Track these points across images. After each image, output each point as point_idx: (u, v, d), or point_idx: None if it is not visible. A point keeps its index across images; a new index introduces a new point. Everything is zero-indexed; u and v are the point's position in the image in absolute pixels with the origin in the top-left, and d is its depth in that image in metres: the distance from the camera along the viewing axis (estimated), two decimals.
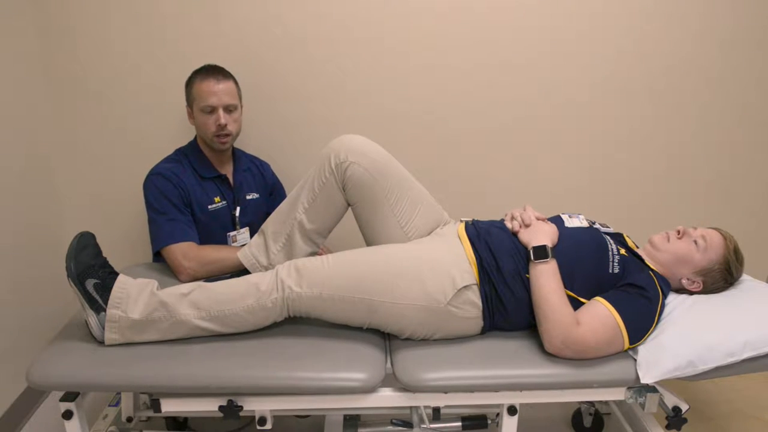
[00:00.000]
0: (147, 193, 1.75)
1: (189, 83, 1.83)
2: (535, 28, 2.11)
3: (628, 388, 1.38)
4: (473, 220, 1.63)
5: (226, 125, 1.79)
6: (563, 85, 2.18)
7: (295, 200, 1.57)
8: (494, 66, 2.14)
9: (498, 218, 1.65)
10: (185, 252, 1.66)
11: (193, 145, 1.89)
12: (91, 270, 1.36)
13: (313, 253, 1.60)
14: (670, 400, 1.38)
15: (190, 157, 1.85)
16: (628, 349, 1.38)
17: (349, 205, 1.57)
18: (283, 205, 1.60)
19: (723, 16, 2.14)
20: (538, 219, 1.54)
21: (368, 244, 1.61)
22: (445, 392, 1.34)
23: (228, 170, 1.94)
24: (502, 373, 1.34)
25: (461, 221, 1.62)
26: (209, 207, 1.85)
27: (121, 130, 2.13)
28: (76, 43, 2.03)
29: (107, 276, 1.38)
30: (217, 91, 1.77)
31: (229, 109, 1.81)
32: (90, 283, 1.35)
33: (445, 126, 2.20)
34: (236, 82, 1.87)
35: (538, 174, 2.28)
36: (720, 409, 2.01)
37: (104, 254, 1.43)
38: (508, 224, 1.56)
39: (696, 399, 2.07)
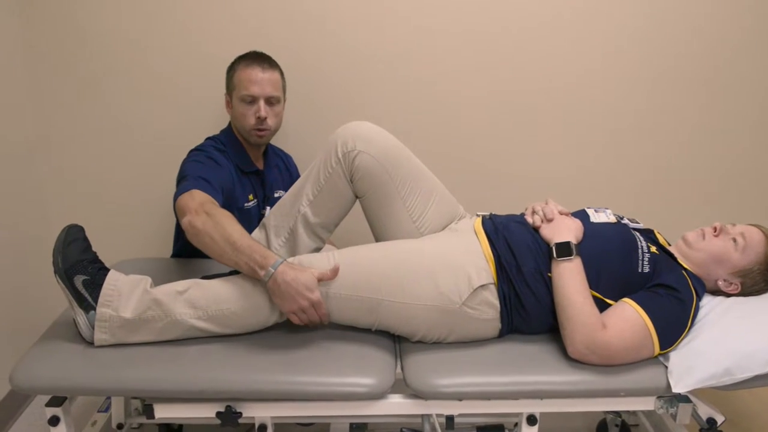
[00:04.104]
0: (186, 164, 1.69)
1: (231, 69, 1.84)
2: (556, 16, 2.11)
3: (659, 397, 1.38)
4: (491, 214, 1.63)
5: (266, 118, 1.80)
6: (589, 72, 2.18)
7: (299, 191, 1.57)
8: (515, 53, 2.14)
9: (518, 212, 1.65)
10: (201, 198, 1.50)
11: (230, 135, 1.88)
12: (79, 265, 1.36)
13: (318, 249, 1.61)
14: (705, 411, 1.38)
15: (229, 148, 1.84)
16: (659, 355, 1.38)
17: (356, 197, 1.57)
18: (286, 197, 1.61)
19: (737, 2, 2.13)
20: (561, 213, 1.54)
21: (377, 239, 1.62)
22: (460, 399, 1.34)
23: (260, 165, 1.95)
24: (521, 379, 1.34)
25: (478, 215, 1.63)
26: (245, 205, 1.86)
27: (112, 115, 2.14)
28: (62, 21, 2.03)
29: (97, 272, 1.38)
30: (260, 80, 1.78)
31: (271, 102, 1.82)
32: (78, 280, 1.36)
33: (461, 113, 2.20)
34: (282, 74, 1.87)
35: (561, 165, 2.28)
36: (759, 422, 2.01)
37: (94, 248, 1.44)
38: (529, 219, 1.56)
39: (733, 410, 2.07)
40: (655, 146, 2.29)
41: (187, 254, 1.91)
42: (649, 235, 1.60)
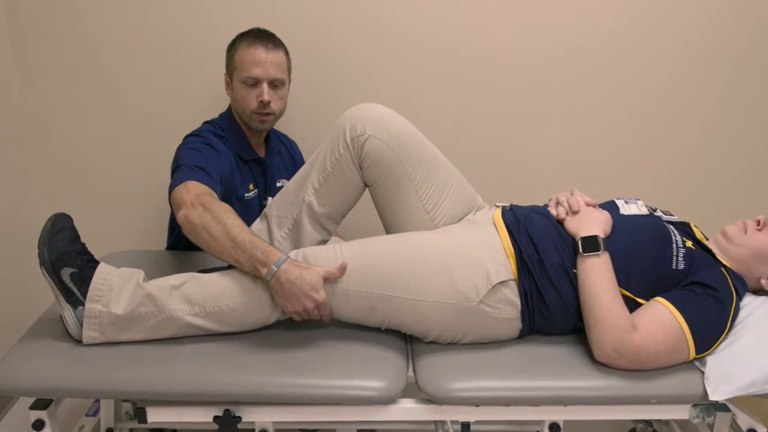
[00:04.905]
0: (182, 152, 1.70)
1: (232, 47, 1.84)
2: None
3: (694, 405, 1.36)
4: (511, 205, 1.62)
5: (269, 102, 1.79)
6: (619, 55, 2.16)
7: (303, 179, 1.57)
8: (538, 34, 2.13)
9: (540, 203, 1.64)
10: (198, 189, 1.51)
11: (230, 120, 1.87)
12: (67, 257, 1.36)
13: (324, 241, 1.60)
14: (745, 422, 1.36)
15: (228, 134, 1.84)
16: (695, 359, 1.37)
17: (366, 185, 1.57)
18: (289, 185, 1.60)
19: None
20: (587, 205, 1.53)
21: (388, 231, 1.62)
22: (476, 405, 1.34)
23: (262, 152, 1.95)
24: (543, 384, 1.33)
25: (497, 206, 1.62)
26: (245, 196, 1.86)
27: (104, 96, 2.14)
28: None
29: (86, 264, 1.38)
30: (264, 61, 1.77)
31: (275, 84, 1.81)
32: (66, 273, 1.36)
33: (480, 97, 2.19)
34: (287, 54, 1.87)
35: (588, 153, 2.26)
36: None
37: (83, 239, 1.44)
38: (553, 211, 1.55)
39: None
40: (693, 134, 2.26)
41: (183, 247, 1.91)
42: (684, 228, 1.59)
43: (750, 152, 2.29)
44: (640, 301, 1.42)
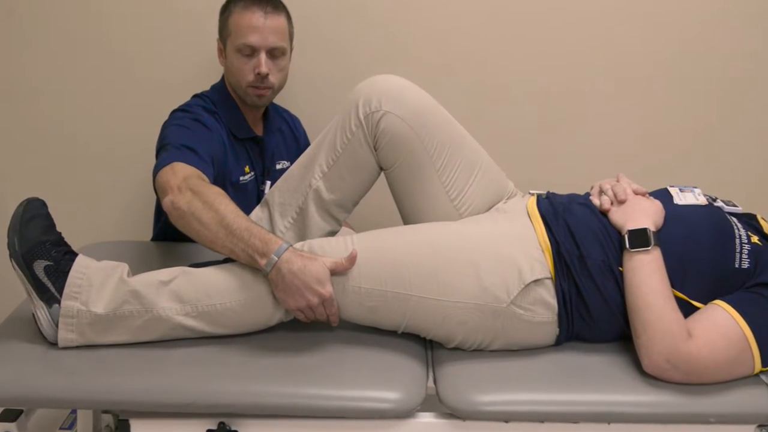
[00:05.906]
0: (168, 129, 1.69)
1: (225, 10, 1.82)
2: None
3: (759, 426, 1.33)
4: (548, 193, 1.61)
5: (267, 75, 1.78)
6: (672, 19, 2.14)
7: (310, 162, 1.56)
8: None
9: (581, 191, 1.63)
10: (185, 172, 1.50)
11: (223, 92, 1.87)
12: (41, 248, 1.35)
13: (333, 233, 1.60)
14: None
15: (220, 109, 1.83)
16: (761, 372, 1.34)
17: (381, 169, 1.56)
18: (294, 168, 1.59)
19: None
20: (636, 193, 1.51)
21: (406, 221, 1.61)
22: (506, 421, 1.31)
23: (259, 130, 1.95)
24: (583, 398, 1.31)
25: (531, 194, 1.61)
26: (240, 179, 1.85)
27: (82, 67, 2.13)
28: None
29: (62, 257, 1.37)
30: (262, 27, 1.76)
31: (274, 54, 1.80)
32: (39, 266, 1.35)
33: (513, 68, 2.18)
34: (289, 18, 1.86)
35: (637, 132, 2.25)
36: None
37: (58, 228, 1.43)
38: (596, 200, 1.53)
39: None
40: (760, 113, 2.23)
41: (172, 237, 1.91)
42: (750, 221, 1.55)
43: None
44: (697, 304, 1.39)
